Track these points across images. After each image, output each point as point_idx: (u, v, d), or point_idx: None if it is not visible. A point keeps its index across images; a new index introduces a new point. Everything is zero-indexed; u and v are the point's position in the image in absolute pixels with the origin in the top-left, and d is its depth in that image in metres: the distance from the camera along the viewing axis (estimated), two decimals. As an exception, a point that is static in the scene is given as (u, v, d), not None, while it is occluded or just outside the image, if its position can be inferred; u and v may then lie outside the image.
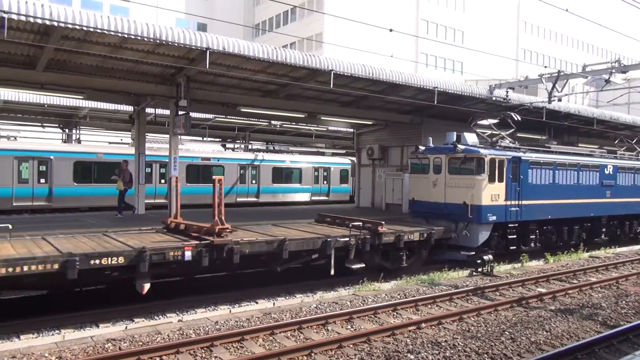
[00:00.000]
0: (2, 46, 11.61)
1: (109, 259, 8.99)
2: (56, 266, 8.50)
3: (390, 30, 14.16)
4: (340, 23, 35.97)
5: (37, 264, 8.36)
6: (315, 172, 28.98)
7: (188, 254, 9.78)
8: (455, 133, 15.39)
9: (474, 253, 14.02)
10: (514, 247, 15.27)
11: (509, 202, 14.80)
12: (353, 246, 12.15)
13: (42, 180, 20.00)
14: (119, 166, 21.59)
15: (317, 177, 29.07)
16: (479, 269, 13.73)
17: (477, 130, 16.66)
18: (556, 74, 16.95)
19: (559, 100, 17.84)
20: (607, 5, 56.14)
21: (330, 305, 10.05)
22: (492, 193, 14.35)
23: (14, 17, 9.36)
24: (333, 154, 33.46)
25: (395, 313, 9.69)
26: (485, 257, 13.66)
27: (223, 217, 10.40)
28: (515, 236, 15.24)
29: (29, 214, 18.30)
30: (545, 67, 21.27)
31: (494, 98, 17.66)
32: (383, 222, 12.91)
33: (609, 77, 16.02)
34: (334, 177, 29.80)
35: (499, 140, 15.89)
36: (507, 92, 17.70)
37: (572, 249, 17.17)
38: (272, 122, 24.78)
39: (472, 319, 9.42)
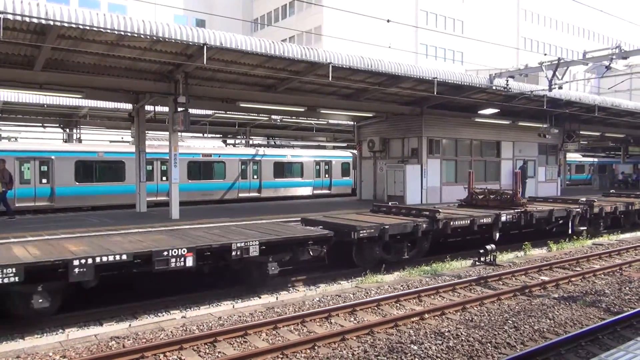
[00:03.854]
0: (-1, 47, 11.62)
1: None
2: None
3: (388, 20, 14.09)
4: (339, 15, 35.79)
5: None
6: (316, 166, 28.96)
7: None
8: None
9: None
10: None
11: None
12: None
13: (44, 181, 20.04)
14: (120, 165, 21.76)
15: (318, 170, 29.06)
16: (482, 259, 13.73)
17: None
18: (556, 62, 16.85)
19: (560, 88, 17.75)
20: (607, -10, 55.75)
21: (333, 298, 10.04)
22: None
23: (10, 17, 9.34)
24: (334, 147, 33.43)
25: (398, 304, 9.67)
26: (488, 247, 13.67)
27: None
28: None
29: (32, 215, 18.35)
30: (546, 54, 21.13)
31: (494, 87, 17.58)
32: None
33: (610, 64, 15.92)
34: (335, 170, 29.79)
35: None
36: (507, 81, 17.61)
37: (575, 237, 17.13)
38: (272, 116, 24.75)
39: (475, 308, 9.41)
